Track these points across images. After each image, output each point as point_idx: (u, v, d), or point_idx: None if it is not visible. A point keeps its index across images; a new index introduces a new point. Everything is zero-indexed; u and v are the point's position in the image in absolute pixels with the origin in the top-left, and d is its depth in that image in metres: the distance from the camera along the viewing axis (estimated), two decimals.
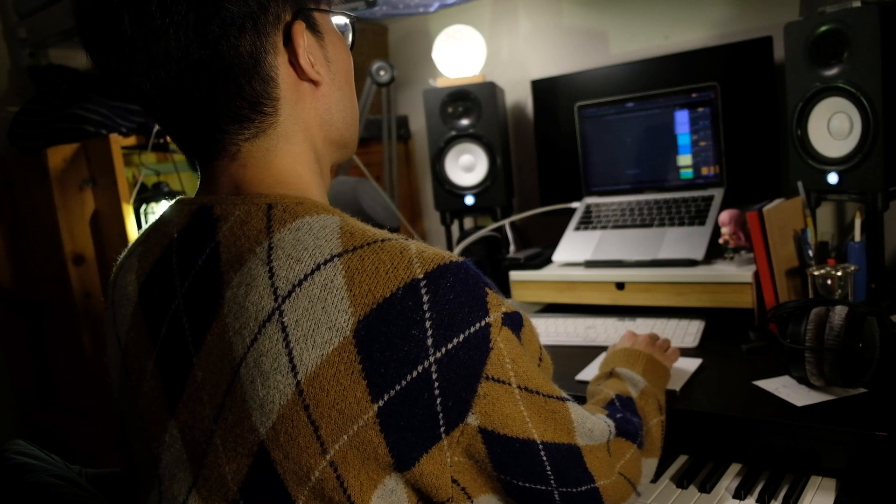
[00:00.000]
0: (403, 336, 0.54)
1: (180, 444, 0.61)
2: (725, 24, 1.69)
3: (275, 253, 0.57)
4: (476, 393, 0.57)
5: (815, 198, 1.42)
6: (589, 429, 0.69)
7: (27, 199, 1.75)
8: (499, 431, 0.59)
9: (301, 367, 0.54)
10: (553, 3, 1.96)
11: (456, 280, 0.57)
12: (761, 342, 1.26)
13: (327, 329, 0.54)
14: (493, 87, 1.85)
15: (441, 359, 0.55)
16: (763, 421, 0.99)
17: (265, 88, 0.63)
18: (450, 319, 0.56)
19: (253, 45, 0.61)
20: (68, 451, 1.79)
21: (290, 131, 0.66)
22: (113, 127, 1.62)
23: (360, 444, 0.55)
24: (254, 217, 0.60)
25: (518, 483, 0.63)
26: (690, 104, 1.59)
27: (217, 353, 0.58)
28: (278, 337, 0.55)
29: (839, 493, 0.91)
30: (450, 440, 0.57)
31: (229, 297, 0.58)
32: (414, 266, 0.56)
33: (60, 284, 1.65)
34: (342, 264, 0.56)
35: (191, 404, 0.60)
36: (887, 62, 1.24)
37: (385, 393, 0.54)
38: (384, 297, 0.55)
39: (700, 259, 1.42)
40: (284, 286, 0.56)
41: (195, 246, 0.63)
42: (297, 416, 0.55)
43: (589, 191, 1.75)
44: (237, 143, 0.64)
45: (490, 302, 0.58)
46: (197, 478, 0.60)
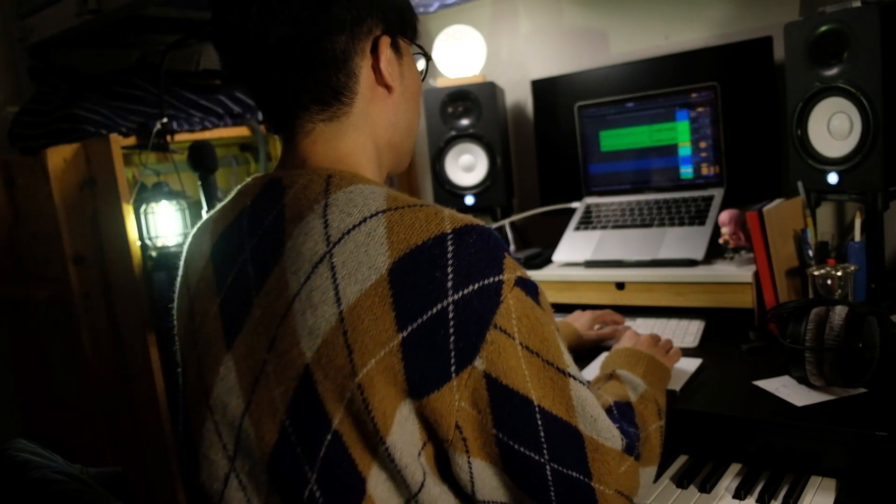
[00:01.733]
0: (428, 277, 0.64)
1: (234, 374, 0.71)
2: (725, 24, 1.69)
3: (330, 209, 0.68)
4: (484, 339, 0.64)
5: (815, 198, 1.42)
6: (591, 416, 0.70)
7: (27, 199, 1.75)
8: (501, 380, 0.65)
9: (344, 299, 0.64)
10: (553, 3, 1.96)
11: (479, 239, 0.66)
12: (761, 342, 1.26)
13: (367, 268, 0.64)
14: (493, 87, 1.85)
15: (458, 301, 0.63)
16: (763, 421, 0.99)
17: (348, 82, 0.75)
18: (468, 269, 0.64)
19: (346, 45, 0.74)
20: (68, 451, 1.79)
21: (359, 123, 0.77)
22: (113, 127, 1.62)
23: (384, 369, 0.63)
24: (315, 183, 0.71)
25: (514, 446, 0.66)
26: (690, 104, 1.59)
27: (275, 292, 0.68)
28: (328, 275, 0.65)
29: (839, 493, 0.91)
30: (459, 381, 0.64)
31: (289, 247, 0.69)
32: (444, 223, 0.66)
33: (60, 284, 1.65)
34: (385, 218, 0.66)
35: (248, 338, 0.70)
36: (887, 62, 1.24)
37: (409, 324, 0.63)
38: (416, 244, 0.65)
39: (700, 259, 1.42)
40: (335, 234, 0.66)
41: (264, 210, 0.73)
42: (337, 341, 0.64)
43: (589, 191, 1.75)
44: (314, 122, 0.76)
45: (506, 264, 0.67)
46: (249, 403, 0.69)
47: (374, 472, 0.66)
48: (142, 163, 1.67)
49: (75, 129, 1.61)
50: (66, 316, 1.68)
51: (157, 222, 1.62)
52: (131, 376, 1.70)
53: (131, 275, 1.60)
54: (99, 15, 1.60)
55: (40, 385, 1.94)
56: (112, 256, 1.65)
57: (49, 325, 1.85)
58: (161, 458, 1.68)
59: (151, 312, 1.62)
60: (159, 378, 1.63)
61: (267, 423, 0.67)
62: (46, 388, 1.94)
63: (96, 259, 1.66)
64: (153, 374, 1.62)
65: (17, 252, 1.83)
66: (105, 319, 1.69)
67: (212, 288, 0.76)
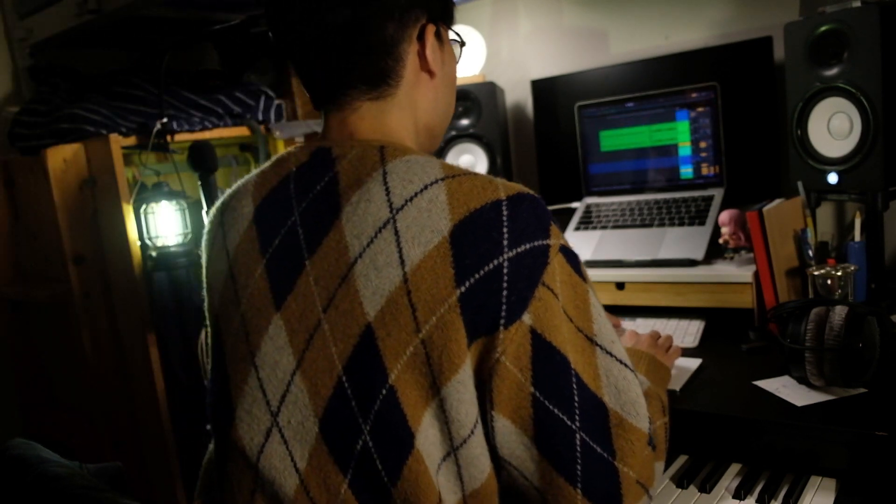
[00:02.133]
0: (485, 237, 0.68)
1: (285, 333, 0.73)
2: (725, 24, 1.69)
3: (390, 176, 0.72)
4: (534, 295, 0.68)
5: (815, 198, 1.41)
6: (616, 388, 0.72)
7: (27, 199, 1.75)
8: (546, 337, 0.68)
9: (408, 261, 0.68)
10: (553, 3, 1.96)
11: (530, 206, 0.71)
12: (761, 342, 1.26)
13: (431, 231, 0.68)
14: (493, 87, 1.85)
15: (512, 258, 0.67)
16: (763, 421, 0.99)
17: (395, 66, 0.79)
18: (521, 230, 0.69)
19: (395, 31, 0.78)
20: (68, 450, 1.78)
21: (403, 104, 0.81)
22: (113, 127, 1.62)
23: (445, 324, 0.66)
24: (368, 154, 0.75)
25: (549, 406, 0.68)
26: (690, 104, 1.59)
27: (334, 254, 0.71)
28: (392, 239, 0.69)
29: (839, 493, 0.91)
30: (506, 334, 0.67)
31: (348, 211, 0.72)
32: (500, 191, 0.70)
33: (60, 284, 1.65)
34: (445, 185, 0.70)
35: (300, 298, 0.73)
36: (887, 62, 1.24)
37: (467, 280, 0.67)
38: (475, 208, 0.69)
39: (700, 259, 1.42)
40: (398, 200, 0.70)
41: (314, 176, 0.76)
42: (401, 300, 0.67)
43: (589, 191, 1.75)
44: (361, 100, 0.80)
45: (552, 231, 0.71)
46: (301, 360, 0.72)
47: (423, 427, 0.68)
48: (142, 163, 1.67)
49: (75, 129, 1.60)
50: (66, 316, 1.68)
51: (157, 222, 1.62)
52: (131, 376, 1.70)
53: (131, 275, 1.60)
54: (99, 15, 1.60)
55: (40, 385, 1.94)
56: (112, 256, 1.65)
57: (49, 325, 1.85)
58: (161, 458, 1.68)
59: (151, 312, 1.62)
60: (159, 378, 1.63)
61: (322, 378, 0.70)
62: (46, 388, 1.94)
63: (96, 259, 1.66)
64: (153, 374, 1.62)
65: (17, 252, 1.83)
66: (105, 319, 1.69)
67: (256, 249, 0.78)
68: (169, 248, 1.62)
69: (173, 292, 1.64)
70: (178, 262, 1.62)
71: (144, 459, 1.73)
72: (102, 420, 1.72)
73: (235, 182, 0.86)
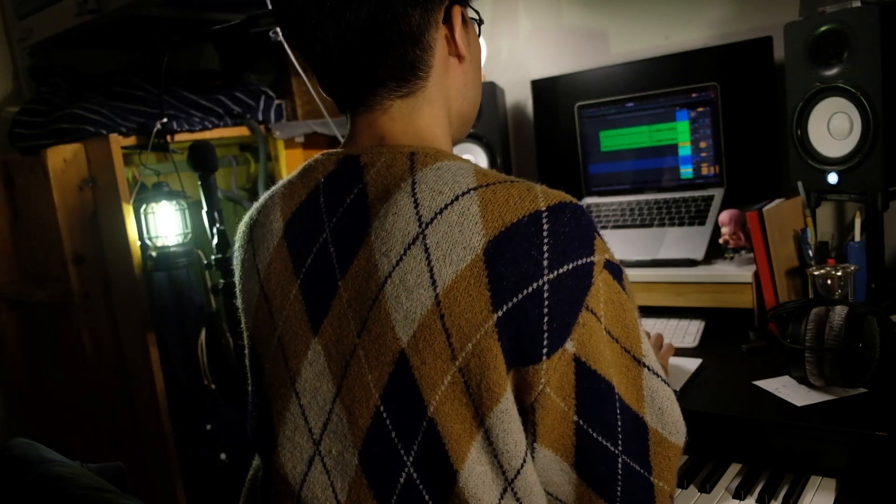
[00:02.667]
0: (524, 255, 0.62)
1: (323, 359, 0.69)
2: (725, 24, 1.69)
3: (419, 187, 0.66)
4: (577, 320, 0.63)
5: (815, 198, 1.41)
6: (660, 408, 0.69)
7: (27, 199, 1.75)
8: (590, 365, 0.64)
9: (440, 282, 0.63)
10: (553, 3, 1.96)
11: (572, 217, 0.65)
12: (761, 342, 1.26)
13: (462, 248, 0.63)
14: (493, 87, 1.85)
15: (553, 280, 0.62)
16: (763, 421, 0.99)
17: (424, 56, 0.74)
18: (563, 248, 0.63)
19: (422, 18, 0.72)
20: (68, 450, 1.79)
21: (433, 96, 0.76)
22: (113, 127, 1.62)
23: (481, 351, 0.62)
24: (398, 161, 0.70)
25: (592, 434, 0.65)
26: (690, 104, 1.59)
27: (364, 274, 0.67)
28: (422, 256, 0.64)
29: (839, 493, 0.91)
30: (549, 364, 0.63)
31: (376, 226, 0.67)
32: (539, 200, 0.65)
33: (60, 284, 1.65)
34: (478, 196, 0.64)
35: (336, 322, 0.69)
36: (887, 62, 1.24)
37: (505, 304, 0.61)
38: (511, 221, 0.63)
39: (700, 259, 1.42)
40: (427, 214, 0.65)
41: (343, 188, 0.72)
42: (434, 325, 0.62)
43: (589, 191, 1.75)
44: (392, 99, 0.74)
45: (597, 245, 0.66)
46: (340, 388, 0.68)
47: (469, 464, 0.64)
48: (142, 163, 1.67)
49: (75, 129, 1.61)
50: (66, 316, 1.68)
51: (157, 222, 1.62)
52: (131, 376, 1.70)
53: (131, 275, 1.60)
54: (99, 15, 1.60)
55: (41, 385, 1.94)
56: (112, 256, 1.65)
57: (49, 325, 1.85)
58: (161, 458, 1.68)
59: (151, 312, 1.62)
60: (159, 378, 1.63)
61: (360, 408, 0.67)
62: (47, 389, 1.94)
63: (96, 259, 1.66)
64: (153, 374, 1.62)
65: (17, 252, 1.83)
66: (105, 319, 1.69)
67: (289, 269, 0.74)
68: (169, 248, 1.62)
69: (173, 292, 1.64)
70: (178, 262, 1.62)
71: (144, 459, 1.73)
72: (102, 420, 1.72)
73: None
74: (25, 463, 0.78)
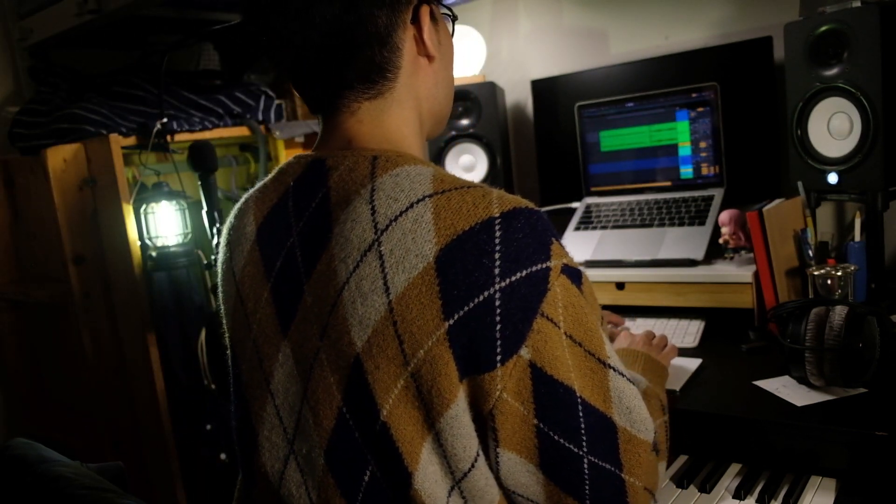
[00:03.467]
0: (475, 264, 0.62)
1: (292, 361, 0.71)
2: (725, 24, 1.69)
3: (377, 194, 0.67)
4: (531, 327, 0.63)
5: (815, 198, 1.41)
6: (627, 407, 0.69)
7: (27, 199, 1.75)
8: (546, 370, 0.64)
9: (393, 289, 0.63)
10: (553, 3, 1.96)
11: (527, 223, 0.64)
12: (761, 342, 1.26)
13: (415, 256, 0.63)
14: (493, 87, 1.85)
15: (505, 288, 0.62)
16: (763, 421, 0.99)
17: (391, 57, 0.74)
18: (516, 255, 0.63)
19: (388, 18, 0.72)
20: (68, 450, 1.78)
21: (403, 97, 0.76)
22: (113, 127, 1.62)
23: (433, 358, 0.62)
24: (360, 165, 0.70)
25: (554, 437, 0.65)
26: (690, 104, 1.59)
27: (324, 279, 0.68)
28: (376, 264, 0.64)
29: (839, 493, 0.91)
30: (504, 371, 0.63)
31: (337, 232, 0.68)
32: (493, 206, 0.64)
33: (60, 284, 1.65)
34: (432, 203, 0.65)
35: (301, 326, 0.70)
36: (887, 62, 1.24)
37: (456, 312, 0.62)
38: (464, 229, 0.63)
39: (700, 259, 1.42)
40: (383, 221, 0.65)
41: (309, 192, 0.72)
42: (388, 331, 0.63)
43: (589, 191, 1.75)
44: (359, 101, 0.75)
45: (553, 250, 0.65)
46: (306, 390, 0.69)
47: (422, 464, 0.65)
48: (142, 163, 1.67)
49: (75, 129, 1.61)
50: (66, 316, 1.68)
51: (157, 222, 1.62)
52: (131, 376, 1.70)
53: (131, 275, 1.60)
54: (99, 15, 1.60)
55: (40, 385, 1.94)
56: (112, 256, 1.65)
57: (49, 325, 1.85)
58: (161, 458, 1.68)
59: (151, 312, 1.62)
60: (159, 378, 1.63)
61: (324, 409, 0.68)
62: (46, 388, 1.94)
63: (96, 259, 1.66)
64: (153, 374, 1.62)
65: (17, 252, 1.83)
66: (105, 319, 1.69)
67: (261, 273, 0.75)
68: (169, 248, 1.62)
69: (173, 292, 1.64)
70: (178, 262, 1.62)
71: (144, 459, 1.73)
72: (102, 420, 1.72)
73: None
74: (25, 463, 0.78)
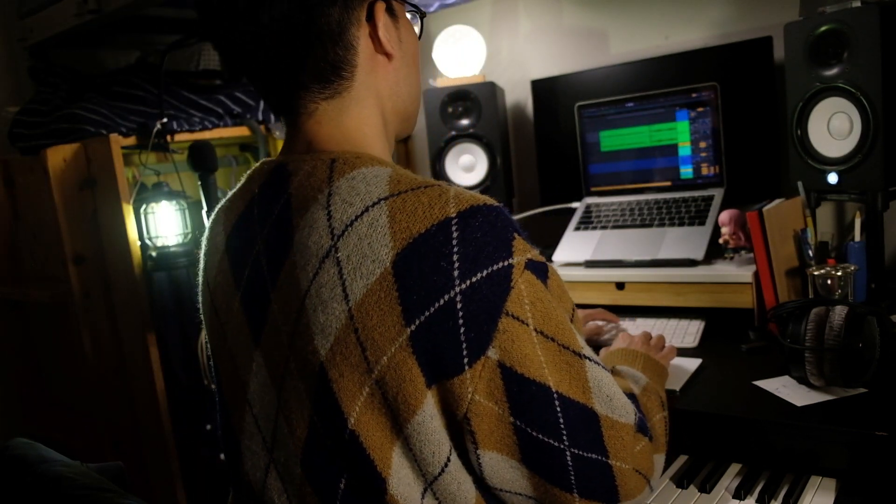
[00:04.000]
0: (433, 267, 0.60)
1: (265, 370, 0.70)
2: (725, 24, 1.69)
3: (333, 199, 0.65)
4: (496, 327, 0.62)
5: (815, 198, 1.41)
6: (607, 395, 0.69)
7: (27, 199, 1.75)
8: (517, 370, 0.63)
9: (352, 296, 0.62)
10: (553, 3, 1.96)
11: (485, 221, 0.63)
12: (761, 342, 1.26)
13: (372, 262, 0.62)
14: (493, 87, 1.85)
15: (465, 290, 0.61)
16: (763, 421, 0.99)
17: (346, 55, 0.72)
18: (475, 255, 0.61)
19: (341, 16, 0.70)
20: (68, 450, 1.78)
21: (362, 95, 0.74)
22: (113, 127, 1.62)
23: (396, 365, 0.61)
24: (319, 170, 0.68)
25: (533, 433, 0.65)
26: (690, 104, 1.59)
27: (288, 287, 0.67)
28: (334, 270, 0.63)
29: (839, 493, 0.91)
30: (472, 373, 0.62)
31: (297, 240, 0.66)
32: (449, 206, 0.63)
33: (60, 284, 1.65)
34: (387, 206, 0.63)
35: (271, 334, 0.69)
36: (887, 62, 1.24)
37: (416, 318, 0.60)
38: (419, 232, 0.61)
39: (700, 259, 1.42)
40: (339, 226, 0.64)
41: (272, 198, 0.71)
42: (349, 338, 0.62)
43: (589, 191, 1.75)
44: (316, 102, 0.73)
45: (516, 246, 0.64)
46: (279, 398, 0.68)
47: (394, 469, 0.64)
48: (142, 163, 1.67)
49: (75, 129, 1.61)
50: (66, 316, 1.68)
51: (157, 222, 1.62)
52: (131, 376, 1.70)
53: (131, 275, 1.60)
54: (99, 15, 1.60)
55: (40, 385, 1.94)
56: (112, 256, 1.65)
57: (49, 325, 1.85)
58: (161, 458, 1.68)
59: (151, 312, 1.62)
60: (159, 378, 1.63)
61: (297, 418, 0.67)
62: (46, 389, 1.94)
63: (96, 259, 1.66)
64: (153, 374, 1.62)
65: (17, 252, 1.83)
66: (105, 319, 1.69)
67: (230, 282, 0.74)
68: (169, 248, 1.62)
69: (173, 292, 1.64)
70: (178, 262, 1.62)
71: (144, 459, 1.73)
72: (102, 420, 1.72)
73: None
74: (25, 463, 0.78)
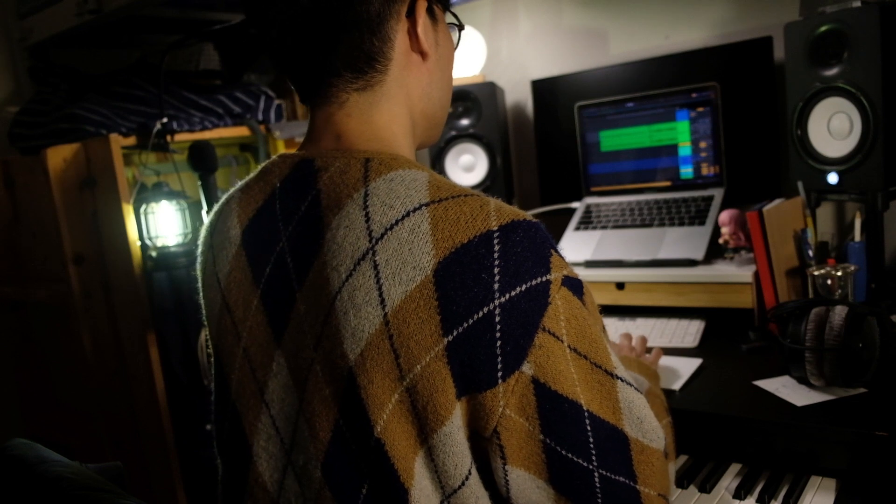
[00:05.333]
0: (475, 279, 0.60)
1: (287, 371, 0.69)
2: (725, 24, 1.69)
3: (370, 199, 0.64)
4: (532, 342, 0.61)
5: (815, 198, 1.41)
6: (638, 417, 0.68)
7: (27, 199, 1.75)
8: (550, 386, 0.62)
9: (388, 301, 0.61)
10: (553, 3, 1.96)
11: (525, 236, 0.62)
12: (761, 342, 1.26)
13: (412, 268, 0.61)
14: (493, 87, 1.85)
15: (504, 304, 0.60)
16: (763, 421, 0.99)
17: (382, 47, 0.71)
18: (515, 269, 0.61)
19: (381, 7, 0.70)
20: (68, 450, 1.79)
21: (393, 92, 0.73)
22: (113, 127, 1.62)
23: (430, 374, 0.60)
24: (353, 167, 0.67)
25: (562, 452, 0.64)
26: (690, 104, 1.59)
27: (317, 287, 0.65)
28: (371, 273, 0.62)
29: (839, 493, 0.91)
30: (505, 387, 0.61)
31: (329, 238, 0.65)
32: (491, 219, 0.62)
33: (60, 284, 1.65)
34: (429, 212, 0.62)
35: (295, 335, 0.67)
36: (887, 62, 1.24)
37: (455, 329, 0.60)
38: (462, 242, 0.61)
39: (700, 259, 1.42)
40: (378, 229, 0.62)
41: (298, 193, 0.70)
42: (383, 345, 0.61)
43: (589, 191, 1.75)
44: (348, 91, 0.72)
45: (553, 262, 0.63)
46: (302, 401, 0.67)
47: (417, 479, 0.64)
48: (142, 163, 1.67)
49: (75, 129, 1.61)
50: (66, 316, 1.68)
51: (157, 222, 1.62)
52: (131, 376, 1.70)
53: (131, 275, 1.60)
54: (99, 15, 1.60)
55: (40, 385, 1.94)
56: (112, 256, 1.65)
57: (49, 325, 1.85)
58: (161, 458, 1.68)
59: (151, 312, 1.62)
60: (159, 378, 1.63)
61: (320, 421, 0.66)
62: (46, 388, 1.94)
63: (96, 259, 1.66)
64: (153, 374, 1.62)
65: (17, 252, 1.83)
66: (105, 319, 1.69)
67: (248, 279, 0.72)
68: (169, 248, 1.62)
69: (173, 292, 1.64)
70: (178, 262, 1.62)
71: (144, 459, 1.73)
72: (102, 420, 1.72)
73: (235, 182, 0.83)
74: (25, 463, 0.78)
